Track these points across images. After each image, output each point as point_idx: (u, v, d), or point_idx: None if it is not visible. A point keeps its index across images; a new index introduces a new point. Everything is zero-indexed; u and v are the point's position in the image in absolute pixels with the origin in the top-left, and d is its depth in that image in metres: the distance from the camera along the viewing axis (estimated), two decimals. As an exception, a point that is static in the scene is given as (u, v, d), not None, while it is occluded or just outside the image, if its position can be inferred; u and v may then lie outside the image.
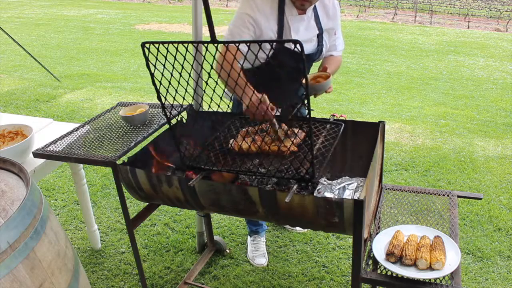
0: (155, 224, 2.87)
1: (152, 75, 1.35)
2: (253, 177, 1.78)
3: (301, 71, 1.14)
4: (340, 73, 6.72)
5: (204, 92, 1.40)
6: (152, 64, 1.31)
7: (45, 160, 1.95)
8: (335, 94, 5.64)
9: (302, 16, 1.90)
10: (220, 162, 1.63)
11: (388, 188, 1.97)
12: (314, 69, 2.11)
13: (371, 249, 1.56)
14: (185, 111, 2.11)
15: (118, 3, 17.32)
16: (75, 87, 5.91)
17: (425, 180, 3.41)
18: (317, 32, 1.96)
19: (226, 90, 1.79)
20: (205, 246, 2.60)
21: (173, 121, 2.06)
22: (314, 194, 1.70)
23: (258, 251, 2.54)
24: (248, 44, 1.61)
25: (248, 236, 2.63)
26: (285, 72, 1.93)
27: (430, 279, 1.42)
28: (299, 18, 1.90)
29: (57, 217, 2.95)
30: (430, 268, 1.44)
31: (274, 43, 1.75)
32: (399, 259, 1.48)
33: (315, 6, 1.93)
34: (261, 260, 2.51)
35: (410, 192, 1.95)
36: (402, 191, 1.96)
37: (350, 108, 5.10)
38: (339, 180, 1.83)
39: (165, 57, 1.30)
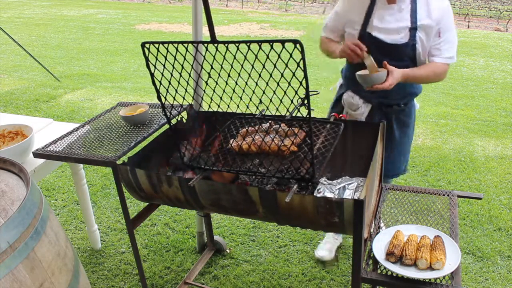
0: (155, 224, 2.87)
1: (152, 75, 1.35)
2: (253, 177, 1.78)
3: (303, 70, 1.14)
4: (340, 73, 6.72)
5: (204, 92, 1.40)
6: (152, 64, 1.31)
7: (45, 160, 1.95)
8: (335, 94, 5.63)
9: (391, 6, 1.95)
10: (220, 162, 1.63)
11: (388, 188, 1.97)
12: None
13: (371, 249, 1.56)
14: (185, 111, 2.11)
15: (118, 3, 17.32)
16: (75, 87, 5.91)
17: (425, 180, 3.41)
18: (409, 25, 1.93)
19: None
20: (205, 246, 2.60)
21: (173, 121, 2.06)
22: (314, 194, 1.70)
23: (326, 244, 2.55)
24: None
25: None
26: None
27: (430, 279, 1.42)
28: (388, 7, 1.96)
29: (57, 217, 2.95)
30: (430, 268, 1.44)
31: (361, 31, 2.01)
32: (399, 259, 1.48)
33: (415, 0, 1.94)
34: (323, 252, 2.50)
35: (410, 192, 1.95)
36: (402, 191, 1.96)
37: (350, 108, 5.10)
38: (339, 180, 1.83)
39: (165, 57, 1.30)
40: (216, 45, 1.25)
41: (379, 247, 1.55)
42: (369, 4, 1.99)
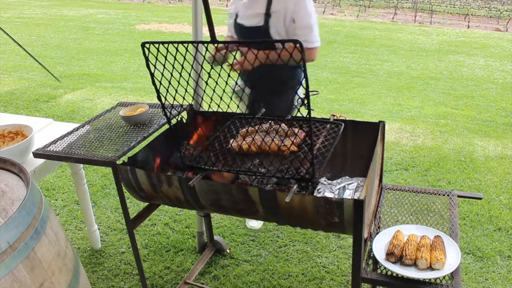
0: (155, 224, 2.87)
1: (152, 75, 1.35)
2: (253, 177, 1.78)
3: (303, 70, 1.14)
4: (340, 73, 6.72)
5: (204, 92, 1.40)
6: (152, 64, 1.31)
7: (45, 160, 1.95)
8: (335, 94, 5.65)
9: None
10: (220, 162, 1.63)
11: (388, 188, 1.97)
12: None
13: (371, 249, 1.56)
14: (185, 111, 2.11)
15: (118, 3, 17.31)
16: (75, 87, 5.91)
17: (425, 180, 3.41)
18: (264, 11, 2.16)
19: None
20: (205, 246, 2.60)
21: (173, 121, 2.06)
22: (314, 194, 1.70)
23: None
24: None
25: None
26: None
27: (430, 279, 1.42)
28: None
29: (57, 217, 2.95)
30: (430, 268, 1.44)
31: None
32: (399, 259, 1.48)
33: None
34: (254, 223, 2.81)
35: (410, 192, 1.95)
36: (402, 191, 1.96)
37: (350, 108, 5.10)
38: (339, 180, 1.83)
39: (165, 57, 1.30)
40: (216, 45, 1.25)
41: (379, 247, 1.55)
42: None
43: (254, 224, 2.83)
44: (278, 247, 2.64)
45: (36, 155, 1.82)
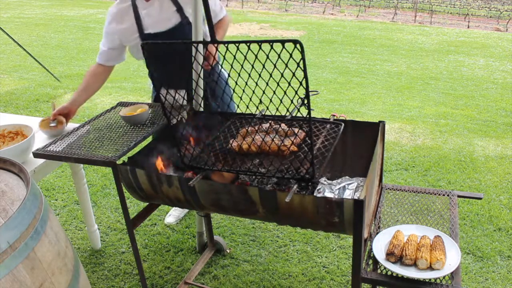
0: (155, 224, 2.87)
1: (152, 75, 1.34)
2: (253, 177, 1.78)
3: (303, 70, 1.14)
4: (340, 73, 6.72)
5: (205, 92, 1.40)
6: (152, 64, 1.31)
7: (45, 160, 1.95)
8: (335, 94, 5.65)
9: (151, 2, 2.16)
10: (220, 162, 1.63)
11: (388, 188, 1.97)
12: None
13: (371, 249, 1.56)
14: (185, 111, 2.11)
15: (118, 3, 17.29)
16: (75, 87, 5.90)
17: (425, 180, 3.41)
18: (175, 8, 2.17)
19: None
20: (205, 246, 2.60)
21: (173, 121, 2.06)
22: (314, 194, 1.70)
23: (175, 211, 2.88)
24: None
25: None
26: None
27: (430, 279, 1.42)
28: (148, 4, 2.16)
29: (57, 217, 2.95)
30: (430, 268, 1.44)
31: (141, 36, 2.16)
32: (399, 259, 1.48)
33: None
34: (171, 219, 2.86)
35: (410, 192, 1.95)
36: (402, 191, 1.96)
37: (350, 108, 5.10)
38: (339, 180, 1.83)
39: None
40: (216, 45, 1.24)
41: (379, 247, 1.55)
42: (132, 11, 2.17)
43: (171, 220, 2.86)
44: (278, 247, 2.64)
45: (36, 155, 1.82)
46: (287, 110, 1.36)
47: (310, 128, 1.29)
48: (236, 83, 1.43)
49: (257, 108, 1.52)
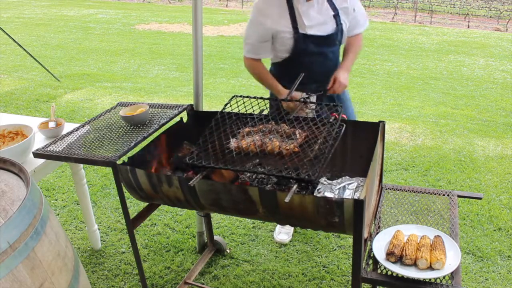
0: (155, 224, 2.87)
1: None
2: (253, 176, 1.78)
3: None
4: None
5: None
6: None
7: (45, 160, 1.95)
8: (335, 94, 5.64)
9: (311, 2, 2.06)
10: (221, 162, 1.62)
11: (388, 188, 1.97)
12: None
13: (371, 249, 1.56)
14: (185, 111, 2.12)
15: (118, 3, 17.31)
16: (75, 87, 5.91)
17: (425, 180, 3.41)
18: (332, 13, 2.10)
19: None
20: (205, 246, 2.60)
21: (173, 121, 2.06)
22: (314, 194, 1.70)
23: (284, 228, 2.70)
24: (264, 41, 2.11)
25: None
26: (309, 58, 2.13)
27: (430, 279, 1.42)
28: (308, 4, 2.06)
29: (57, 217, 2.95)
30: (430, 267, 1.44)
31: (295, 34, 2.06)
32: (399, 259, 1.48)
33: None
34: (283, 236, 2.67)
35: (410, 192, 1.95)
36: (402, 191, 1.96)
37: (350, 108, 5.10)
38: (339, 180, 1.83)
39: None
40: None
41: (379, 247, 1.55)
42: (287, 8, 2.07)
43: (284, 237, 2.66)
44: (278, 247, 2.64)
45: (36, 155, 1.82)
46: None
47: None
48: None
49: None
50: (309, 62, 2.14)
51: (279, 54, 2.18)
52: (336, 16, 2.10)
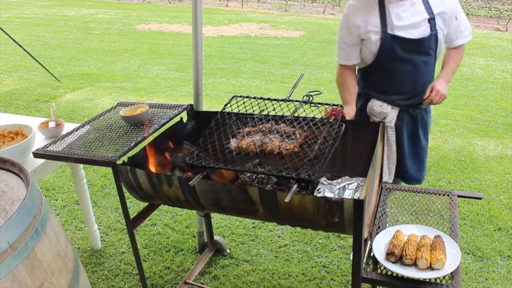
0: (155, 224, 2.87)
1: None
2: (253, 176, 1.78)
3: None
4: (340, 73, 6.72)
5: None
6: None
7: (45, 160, 1.95)
8: (335, 93, 5.64)
9: (403, 2, 1.93)
10: (221, 162, 1.63)
11: (388, 188, 1.97)
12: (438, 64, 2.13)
13: (371, 249, 1.56)
14: (185, 111, 2.11)
15: (118, 3, 17.32)
16: (75, 87, 5.91)
17: (425, 180, 3.41)
18: (427, 16, 1.92)
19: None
20: (205, 246, 2.60)
21: (173, 121, 2.06)
22: (314, 194, 1.70)
23: None
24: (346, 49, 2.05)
25: None
26: (396, 60, 1.99)
27: (430, 279, 1.42)
28: (400, 4, 1.93)
29: (57, 217, 2.95)
30: (431, 267, 1.44)
31: (382, 34, 1.94)
32: (400, 259, 1.48)
33: None
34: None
35: (410, 192, 1.95)
36: (402, 191, 1.96)
37: (350, 108, 5.10)
38: (339, 180, 1.83)
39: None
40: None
41: (379, 247, 1.55)
42: (378, 7, 1.95)
43: None
44: (278, 247, 2.64)
45: (36, 155, 1.82)
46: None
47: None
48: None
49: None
50: (396, 69, 1.99)
51: (365, 57, 2.05)
52: (431, 20, 1.92)
